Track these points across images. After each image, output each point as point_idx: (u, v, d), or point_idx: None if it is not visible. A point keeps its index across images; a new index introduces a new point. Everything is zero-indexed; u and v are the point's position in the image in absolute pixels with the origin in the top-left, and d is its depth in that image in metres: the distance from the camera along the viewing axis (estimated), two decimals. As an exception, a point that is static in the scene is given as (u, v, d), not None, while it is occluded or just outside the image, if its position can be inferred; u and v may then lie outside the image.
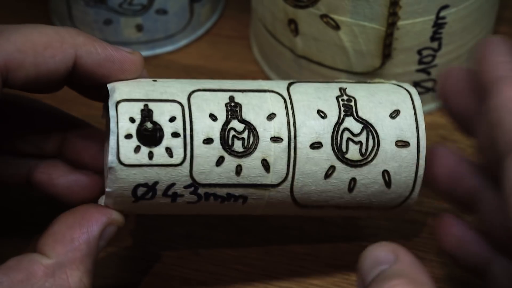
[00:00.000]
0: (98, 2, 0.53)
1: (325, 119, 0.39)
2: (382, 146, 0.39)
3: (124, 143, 0.37)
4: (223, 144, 0.38)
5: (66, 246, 0.37)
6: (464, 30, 0.50)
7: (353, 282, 0.45)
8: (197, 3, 0.56)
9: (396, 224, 0.47)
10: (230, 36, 0.58)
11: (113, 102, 0.37)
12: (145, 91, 0.38)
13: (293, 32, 0.51)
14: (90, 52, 0.38)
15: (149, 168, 0.37)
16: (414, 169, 0.40)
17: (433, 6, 0.47)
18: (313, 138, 0.39)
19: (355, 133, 0.39)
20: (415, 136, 0.39)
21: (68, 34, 0.37)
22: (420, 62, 0.50)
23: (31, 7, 0.59)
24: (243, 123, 0.38)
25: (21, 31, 0.37)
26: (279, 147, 0.38)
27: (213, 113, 0.38)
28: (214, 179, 0.38)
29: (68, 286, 0.37)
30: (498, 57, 0.36)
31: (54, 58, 0.37)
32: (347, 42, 0.49)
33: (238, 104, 0.38)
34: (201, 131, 0.38)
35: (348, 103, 0.40)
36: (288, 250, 0.46)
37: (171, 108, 0.38)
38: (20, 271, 0.36)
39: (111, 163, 0.37)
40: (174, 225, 0.47)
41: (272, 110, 0.39)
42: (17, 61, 0.36)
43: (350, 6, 0.47)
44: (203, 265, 0.45)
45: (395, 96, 0.40)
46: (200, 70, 0.56)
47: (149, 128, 0.37)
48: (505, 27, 0.58)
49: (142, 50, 0.56)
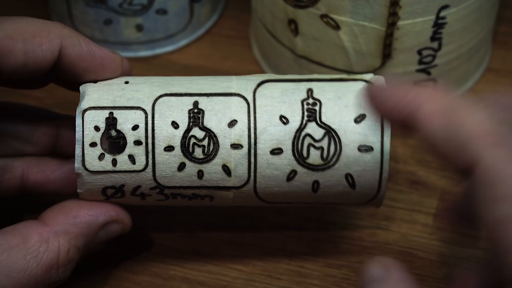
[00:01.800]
0: (98, 2, 0.53)
1: (287, 124, 0.39)
2: (344, 151, 0.39)
3: (88, 151, 0.39)
4: (184, 152, 0.39)
5: (68, 219, 0.39)
6: (464, 30, 0.50)
7: (353, 282, 0.45)
8: (197, 3, 0.56)
9: (396, 224, 0.47)
10: (230, 36, 0.58)
11: (80, 110, 0.39)
12: (113, 97, 0.40)
13: (293, 32, 0.51)
14: (74, 44, 0.40)
15: (114, 174, 0.39)
16: (378, 172, 0.39)
17: (433, 6, 0.47)
18: (273, 144, 0.39)
19: (317, 139, 0.39)
20: (379, 141, 0.39)
21: (54, 26, 0.39)
22: (420, 62, 0.50)
23: (31, 6, 0.59)
24: (204, 131, 0.39)
25: (11, 20, 0.38)
26: (239, 153, 0.39)
27: (175, 120, 0.39)
28: (177, 182, 0.40)
29: (57, 253, 0.39)
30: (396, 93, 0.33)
31: (41, 47, 0.39)
32: (347, 42, 0.49)
33: (200, 111, 0.39)
34: (162, 139, 0.39)
35: (312, 107, 0.39)
36: (288, 250, 0.46)
37: (134, 116, 0.39)
38: (15, 235, 0.38)
39: (78, 169, 0.39)
40: (174, 225, 0.47)
41: (234, 117, 0.39)
42: (7, 47, 0.38)
43: (350, 6, 0.47)
44: (203, 265, 0.45)
45: None
46: (200, 70, 0.56)
47: (113, 136, 0.39)
48: (505, 27, 0.58)
49: (142, 50, 0.56)
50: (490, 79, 0.55)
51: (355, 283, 0.45)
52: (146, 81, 0.41)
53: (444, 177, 0.49)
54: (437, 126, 0.31)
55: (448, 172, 0.33)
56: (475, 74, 0.55)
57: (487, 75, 0.55)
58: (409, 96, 0.32)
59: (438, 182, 0.49)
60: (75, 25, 0.55)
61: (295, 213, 0.47)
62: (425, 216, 0.48)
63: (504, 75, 0.55)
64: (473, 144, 0.30)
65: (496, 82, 0.55)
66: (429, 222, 0.47)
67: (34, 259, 0.38)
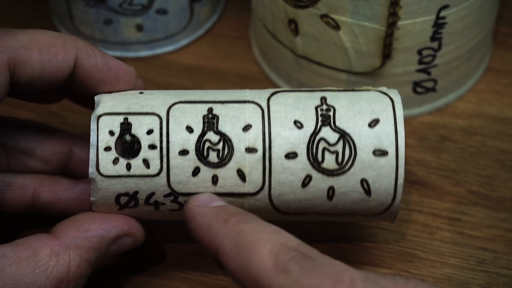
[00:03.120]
0: (98, 2, 0.53)
1: (301, 129, 0.39)
2: (359, 155, 0.39)
3: (103, 155, 0.39)
4: (198, 155, 0.39)
5: (79, 233, 0.39)
6: (464, 30, 0.50)
7: (353, 282, 0.45)
8: (197, 3, 0.56)
9: (396, 224, 0.47)
10: (230, 36, 0.58)
11: (95, 116, 0.39)
12: (128, 105, 0.40)
13: (293, 32, 0.51)
14: (89, 55, 0.40)
15: (128, 179, 0.39)
16: (394, 177, 0.39)
17: (433, 6, 0.47)
18: (288, 148, 0.39)
19: (331, 143, 0.39)
20: (394, 145, 0.39)
21: (69, 38, 0.40)
22: (420, 62, 0.50)
23: (31, 7, 0.59)
24: (219, 135, 0.39)
25: (26, 31, 0.39)
26: (254, 158, 0.39)
27: (189, 125, 0.39)
28: (191, 189, 0.39)
29: (68, 268, 0.38)
30: None
31: (57, 57, 0.39)
32: (347, 42, 0.49)
33: (215, 116, 0.39)
34: (177, 143, 0.39)
35: (326, 112, 0.40)
36: (288, 250, 0.46)
37: (149, 121, 0.39)
38: (26, 248, 0.38)
39: (91, 174, 0.39)
40: (174, 225, 0.47)
41: (248, 121, 0.39)
42: (24, 57, 0.38)
43: (350, 6, 0.47)
44: (203, 265, 0.45)
45: (377, 105, 0.40)
46: (200, 70, 0.56)
47: (127, 140, 0.39)
48: (505, 27, 0.58)
49: (142, 50, 0.56)
50: (490, 79, 0.55)
51: None
52: (160, 92, 0.41)
53: (444, 177, 0.49)
54: None
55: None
56: (475, 74, 0.55)
57: (487, 75, 0.55)
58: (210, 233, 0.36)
59: (438, 182, 0.49)
60: (75, 25, 0.55)
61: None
62: (425, 216, 0.48)
63: (504, 75, 0.55)
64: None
65: (496, 82, 0.55)
66: (429, 222, 0.47)
67: (43, 273, 0.38)
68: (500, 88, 0.55)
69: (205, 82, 0.55)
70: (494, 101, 0.54)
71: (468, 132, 0.52)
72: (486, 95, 0.54)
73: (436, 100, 0.53)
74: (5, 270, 0.37)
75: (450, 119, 0.53)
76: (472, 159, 0.50)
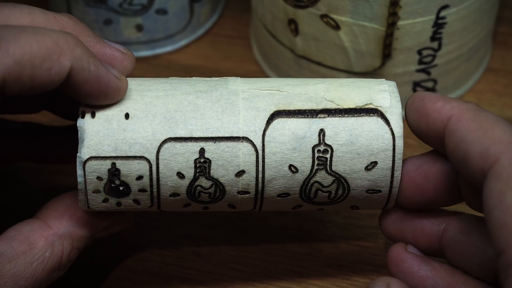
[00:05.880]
0: (98, 2, 0.53)
1: (296, 174, 0.38)
2: (351, 194, 0.39)
3: (92, 196, 0.38)
4: (190, 197, 0.39)
5: (72, 221, 0.39)
6: (464, 30, 0.50)
7: (353, 282, 0.45)
8: (197, 3, 0.56)
9: (396, 224, 0.47)
10: (230, 36, 0.58)
11: (80, 161, 0.37)
12: (114, 144, 0.37)
13: (293, 32, 0.51)
14: (83, 68, 0.37)
15: (118, 211, 0.39)
16: (384, 204, 0.40)
17: (433, 6, 0.47)
18: (281, 190, 0.39)
19: (325, 186, 0.39)
20: (388, 186, 0.39)
21: (66, 46, 0.37)
22: (420, 62, 0.50)
23: (31, 7, 0.59)
24: (211, 180, 0.38)
25: (20, 41, 0.36)
26: (246, 197, 0.39)
27: (180, 171, 0.38)
28: (182, 212, 0.40)
29: (61, 257, 0.39)
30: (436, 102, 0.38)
31: (50, 71, 0.36)
32: (347, 42, 0.49)
33: (207, 160, 0.38)
34: (168, 189, 0.38)
35: (323, 155, 0.38)
36: (288, 250, 0.46)
37: (138, 166, 0.37)
38: (21, 242, 0.38)
39: (82, 207, 0.38)
40: (174, 225, 0.47)
41: (242, 167, 0.38)
42: (15, 74, 0.36)
43: (350, 6, 0.47)
44: (203, 265, 0.45)
45: (377, 142, 0.38)
46: (200, 70, 0.56)
47: (116, 184, 0.38)
48: (505, 27, 0.58)
49: (142, 50, 0.56)
50: (490, 79, 0.55)
51: (355, 283, 0.45)
52: (147, 114, 0.38)
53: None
54: (466, 129, 0.36)
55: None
56: (475, 74, 0.55)
57: (487, 75, 0.55)
58: (445, 106, 0.37)
59: (438, 182, 0.49)
60: (75, 25, 0.55)
61: (295, 213, 0.47)
62: (425, 216, 0.48)
63: (504, 75, 0.55)
64: (497, 145, 0.34)
65: (496, 82, 0.55)
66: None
67: (40, 265, 0.38)
68: (500, 88, 0.54)
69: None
70: (494, 101, 0.54)
71: (468, 132, 0.52)
72: (486, 95, 0.54)
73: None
74: (4, 268, 0.37)
75: (450, 119, 0.53)
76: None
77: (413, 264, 0.39)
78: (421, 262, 0.39)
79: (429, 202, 0.39)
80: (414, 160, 0.39)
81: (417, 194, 0.39)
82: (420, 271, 0.39)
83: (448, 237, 0.39)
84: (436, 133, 0.37)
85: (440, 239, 0.40)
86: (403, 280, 0.39)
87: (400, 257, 0.39)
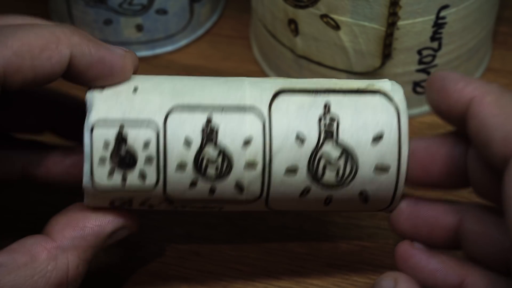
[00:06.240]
0: (98, 2, 0.53)
1: (303, 144, 0.38)
2: (360, 171, 0.39)
3: (97, 169, 0.38)
4: (196, 170, 0.38)
5: (75, 232, 0.38)
6: (464, 30, 0.50)
7: (353, 282, 0.45)
8: (197, 3, 0.56)
9: (396, 224, 0.47)
10: (230, 36, 0.58)
11: (89, 126, 0.37)
12: (123, 109, 0.38)
13: (293, 32, 0.51)
14: (83, 53, 0.38)
15: (123, 192, 0.38)
16: (393, 191, 0.39)
17: (433, 6, 0.47)
18: (288, 163, 0.38)
19: (333, 159, 0.38)
20: (396, 162, 0.39)
21: (63, 34, 0.38)
22: (420, 62, 0.50)
23: (31, 7, 0.59)
24: (218, 149, 0.38)
25: (17, 34, 0.37)
26: (253, 172, 0.38)
27: (188, 138, 0.38)
28: (187, 197, 0.39)
29: (66, 271, 0.38)
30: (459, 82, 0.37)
31: (50, 60, 0.37)
32: (347, 42, 0.49)
33: (214, 128, 0.38)
34: (174, 157, 0.38)
35: (329, 127, 0.38)
36: (288, 250, 0.46)
37: (145, 132, 0.38)
38: (23, 254, 0.37)
39: (85, 185, 0.38)
40: (174, 225, 0.47)
41: (248, 134, 0.38)
42: (15, 65, 0.36)
43: (350, 6, 0.47)
44: (203, 265, 0.45)
45: (383, 115, 0.39)
46: (200, 70, 0.56)
47: (123, 153, 0.38)
48: (505, 27, 0.58)
49: (142, 50, 0.56)
50: (490, 79, 0.55)
51: (355, 283, 0.45)
52: (156, 88, 0.39)
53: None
54: (489, 114, 0.35)
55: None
56: (475, 74, 0.55)
57: (487, 75, 0.55)
58: (467, 87, 0.37)
59: (438, 182, 0.49)
60: (75, 25, 0.55)
61: (295, 213, 0.47)
62: (425, 216, 0.48)
63: (504, 75, 0.55)
64: None
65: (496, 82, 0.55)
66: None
67: (42, 279, 0.37)
68: (500, 88, 0.54)
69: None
70: (494, 101, 0.54)
71: (468, 132, 0.52)
72: (486, 95, 0.54)
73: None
74: (3, 279, 0.36)
75: (450, 119, 0.53)
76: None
77: (421, 258, 0.39)
78: (429, 256, 0.39)
79: (434, 184, 0.39)
80: (422, 140, 0.39)
81: (423, 175, 0.39)
82: (429, 265, 0.39)
83: (464, 228, 0.39)
84: (458, 114, 0.37)
85: (456, 231, 0.39)
86: (412, 276, 0.38)
87: (408, 253, 0.39)
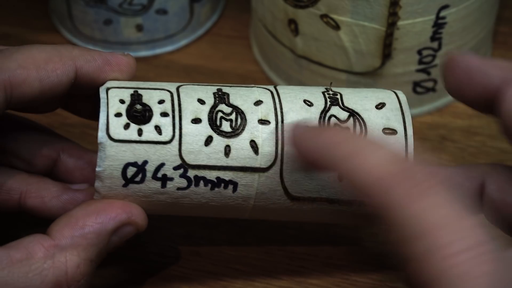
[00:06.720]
0: (98, 2, 0.53)
1: (312, 107, 0.40)
2: (369, 132, 0.40)
3: (113, 120, 0.38)
4: (211, 124, 0.39)
5: (74, 231, 0.38)
6: (464, 30, 0.50)
7: (353, 282, 0.45)
8: (197, 3, 0.56)
9: (396, 224, 0.47)
10: (230, 36, 0.58)
11: (104, 88, 0.39)
12: (136, 83, 0.40)
13: (293, 32, 0.51)
14: (88, 60, 0.39)
15: (138, 145, 0.38)
16: (403, 152, 0.40)
17: (433, 6, 0.47)
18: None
19: (342, 120, 0.40)
20: (402, 125, 0.40)
21: (64, 49, 0.39)
22: (420, 62, 0.50)
23: (31, 7, 0.59)
24: (231, 107, 0.39)
25: (21, 50, 0.38)
26: (267, 129, 0.39)
27: (201, 98, 0.39)
28: (203, 160, 0.39)
29: (65, 270, 0.37)
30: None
31: (56, 72, 0.38)
32: (347, 42, 0.49)
33: (225, 93, 0.40)
34: (189, 112, 0.39)
35: (334, 96, 0.41)
36: (288, 250, 0.46)
37: (160, 93, 0.39)
38: (19, 251, 0.37)
39: (101, 138, 0.38)
40: (174, 225, 0.47)
41: (259, 98, 0.40)
42: (21, 77, 0.37)
43: (350, 6, 0.47)
44: (203, 265, 0.45)
45: (380, 93, 0.41)
46: (200, 70, 0.56)
47: (138, 109, 0.39)
48: (505, 27, 0.58)
49: (142, 50, 0.56)
50: (490, 79, 0.55)
51: (355, 283, 0.45)
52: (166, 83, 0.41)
53: (444, 177, 0.49)
54: None
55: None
56: (475, 74, 0.55)
57: (487, 75, 0.55)
58: (493, 70, 0.35)
59: (438, 182, 0.49)
60: (75, 25, 0.55)
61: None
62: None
63: (504, 75, 0.55)
64: None
65: None
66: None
67: (37, 277, 0.36)
68: (500, 88, 0.54)
69: (205, 82, 0.55)
70: (494, 101, 0.54)
71: (468, 132, 0.52)
72: (486, 95, 0.54)
73: (436, 100, 0.53)
74: None
75: (450, 119, 0.53)
76: (472, 159, 0.50)
77: None
78: None
79: None
80: None
81: None
82: None
83: (485, 194, 0.38)
84: (485, 99, 0.35)
85: (479, 196, 0.38)
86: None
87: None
